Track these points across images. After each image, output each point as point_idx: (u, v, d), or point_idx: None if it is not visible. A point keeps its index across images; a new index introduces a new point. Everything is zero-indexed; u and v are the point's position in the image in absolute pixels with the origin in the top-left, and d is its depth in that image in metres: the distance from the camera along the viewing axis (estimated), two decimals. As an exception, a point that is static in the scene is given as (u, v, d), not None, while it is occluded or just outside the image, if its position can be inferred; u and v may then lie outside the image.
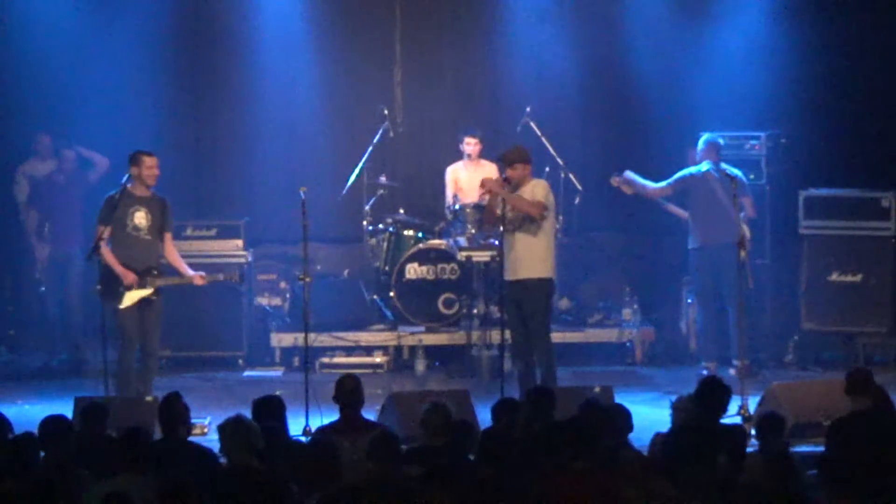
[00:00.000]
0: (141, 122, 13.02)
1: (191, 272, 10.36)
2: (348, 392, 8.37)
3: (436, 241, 12.66)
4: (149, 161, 10.33)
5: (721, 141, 12.06)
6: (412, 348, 12.43)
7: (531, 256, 10.30)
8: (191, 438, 7.88)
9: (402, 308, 12.50)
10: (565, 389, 9.56)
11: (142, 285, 10.15)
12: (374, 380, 11.35)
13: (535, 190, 10.38)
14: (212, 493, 6.47)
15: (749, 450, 8.29)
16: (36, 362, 12.36)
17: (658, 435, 7.80)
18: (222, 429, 6.96)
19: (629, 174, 12.01)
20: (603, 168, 12.78)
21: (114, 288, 10.12)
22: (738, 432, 7.89)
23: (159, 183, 10.40)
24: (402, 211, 13.05)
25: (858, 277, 12.26)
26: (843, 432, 7.61)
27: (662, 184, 11.98)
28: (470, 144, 12.70)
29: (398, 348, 12.50)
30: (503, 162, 10.54)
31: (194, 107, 13.57)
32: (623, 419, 7.58)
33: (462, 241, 12.40)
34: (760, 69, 13.11)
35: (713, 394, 7.79)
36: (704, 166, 11.87)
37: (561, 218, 12.87)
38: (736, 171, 11.60)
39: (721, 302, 11.87)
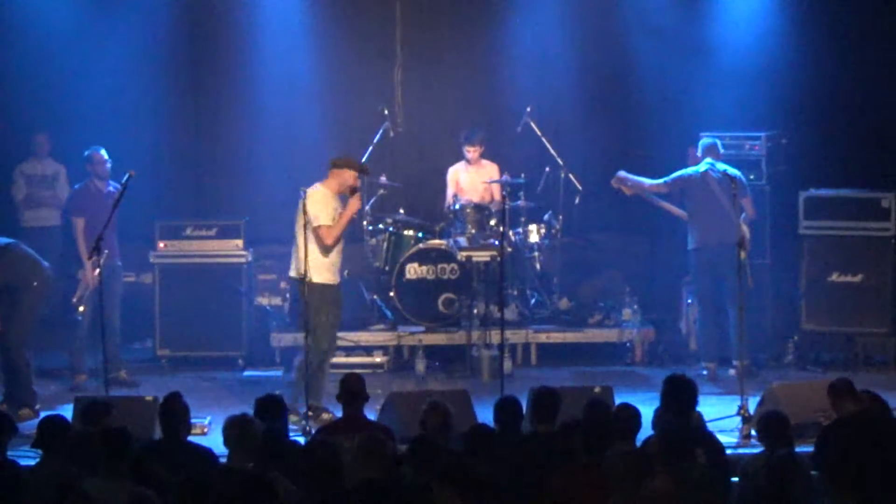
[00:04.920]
0: (141, 123, 13.04)
1: None
2: (352, 391, 8.39)
3: (436, 241, 12.65)
4: None
5: (720, 142, 12.07)
6: (412, 348, 12.42)
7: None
8: (191, 438, 7.88)
9: (402, 308, 12.49)
10: (566, 389, 9.55)
11: None
12: (374, 380, 11.34)
13: None
14: (211, 493, 6.46)
15: (752, 451, 8.33)
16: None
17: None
18: (226, 426, 6.96)
19: (623, 173, 12.01)
20: (603, 168, 12.78)
21: None
22: (712, 437, 7.91)
23: (162, 182, 10.34)
24: (402, 211, 13.05)
25: (858, 277, 12.25)
26: (834, 436, 7.62)
27: (660, 181, 11.98)
28: (470, 152, 12.77)
29: (398, 348, 12.50)
30: (334, 167, 10.60)
31: (194, 107, 13.57)
32: (633, 419, 7.58)
33: (462, 241, 12.41)
34: (760, 69, 13.11)
35: (676, 392, 7.80)
36: (703, 167, 11.86)
37: (561, 218, 12.90)
38: (735, 172, 11.60)
39: (721, 302, 11.86)
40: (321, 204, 10.36)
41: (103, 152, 11.65)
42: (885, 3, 13.14)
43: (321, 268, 10.37)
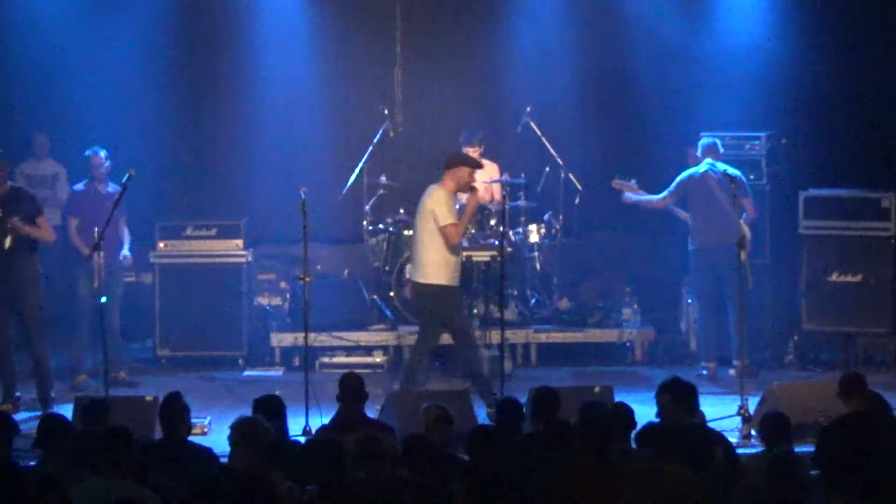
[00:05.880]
0: (141, 123, 13.04)
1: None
2: (351, 389, 8.39)
3: (436, 241, 12.63)
4: None
5: (720, 142, 12.06)
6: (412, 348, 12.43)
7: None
8: (191, 438, 7.89)
9: (402, 308, 12.49)
10: (566, 389, 9.55)
11: None
12: (374, 380, 11.34)
13: None
14: (211, 492, 6.46)
15: (752, 451, 8.33)
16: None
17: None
18: (235, 426, 6.92)
19: (630, 196, 12.00)
20: (603, 168, 12.78)
21: None
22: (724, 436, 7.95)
23: (162, 182, 10.30)
24: (402, 211, 13.04)
25: (858, 277, 12.25)
26: (836, 435, 7.63)
27: (664, 193, 11.95)
28: (469, 152, 12.72)
29: (398, 348, 12.50)
30: (448, 167, 10.71)
31: (194, 107, 13.57)
32: (626, 418, 7.59)
33: (462, 241, 12.39)
34: (760, 69, 13.11)
35: (677, 394, 7.83)
36: (703, 167, 11.87)
37: (561, 218, 12.90)
38: (735, 172, 11.60)
39: (721, 302, 11.86)
40: (443, 204, 10.48)
41: (102, 154, 11.66)
42: (885, 3, 13.13)
43: (445, 269, 10.50)
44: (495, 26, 13.52)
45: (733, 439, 9.43)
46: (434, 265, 10.48)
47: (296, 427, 9.38)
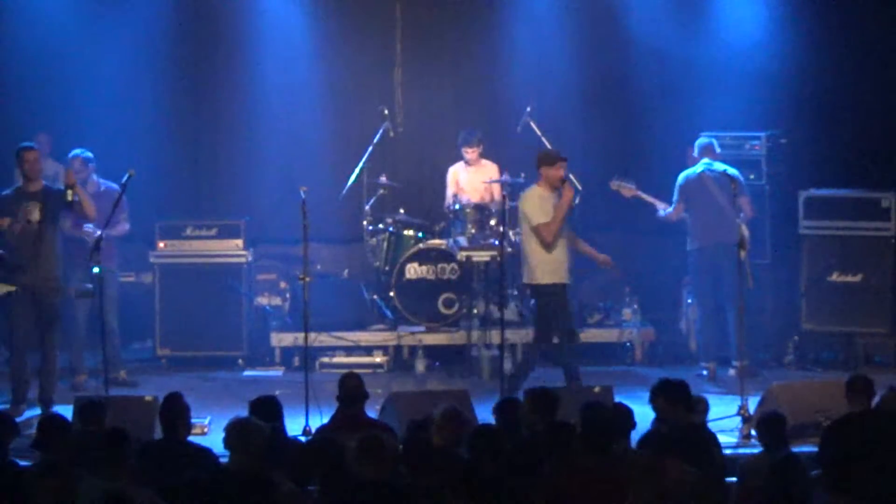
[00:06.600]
0: (141, 123, 13.05)
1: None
2: (351, 390, 8.39)
3: (436, 241, 12.66)
4: (29, 156, 10.60)
5: (716, 141, 12.05)
6: (412, 348, 12.44)
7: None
8: (191, 438, 7.89)
9: (402, 308, 12.50)
10: (565, 390, 9.56)
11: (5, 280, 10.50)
12: (374, 380, 11.35)
13: None
14: (211, 493, 6.47)
15: (752, 451, 8.33)
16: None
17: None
18: (229, 429, 6.92)
19: (660, 212, 11.99)
20: (603, 168, 12.77)
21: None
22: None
23: (162, 182, 10.31)
24: (402, 211, 13.05)
25: (858, 277, 12.26)
26: (838, 435, 7.63)
27: (673, 205, 11.92)
28: (468, 153, 12.76)
29: (398, 348, 12.51)
30: (538, 167, 10.70)
31: (194, 107, 13.57)
32: (625, 418, 7.60)
33: (462, 241, 12.41)
34: (760, 69, 13.11)
35: (670, 396, 7.84)
36: (700, 167, 11.87)
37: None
38: (734, 171, 11.59)
39: (721, 302, 11.86)
40: (534, 203, 10.53)
41: (81, 157, 11.62)
42: (885, 3, 13.13)
43: (548, 268, 10.48)
44: (495, 27, 13.52)
45: (733, 439, 9.47)
46: (536, 265, 10.51)
47: (296, 427, 9.39)
